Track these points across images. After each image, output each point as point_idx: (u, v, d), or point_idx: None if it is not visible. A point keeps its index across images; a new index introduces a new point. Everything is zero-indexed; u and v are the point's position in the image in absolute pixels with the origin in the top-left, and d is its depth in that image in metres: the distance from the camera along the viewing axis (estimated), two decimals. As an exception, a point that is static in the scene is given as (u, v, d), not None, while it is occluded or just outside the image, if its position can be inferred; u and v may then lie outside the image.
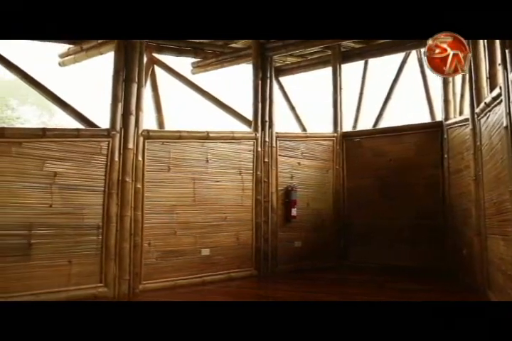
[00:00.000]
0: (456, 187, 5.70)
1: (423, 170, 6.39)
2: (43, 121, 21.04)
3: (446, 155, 6.09)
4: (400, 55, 7.63)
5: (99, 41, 5.63)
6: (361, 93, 7.88)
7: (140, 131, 5.13)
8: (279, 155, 6.46)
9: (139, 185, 5.07)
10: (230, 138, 5.94)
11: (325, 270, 6.38)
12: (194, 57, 7.43)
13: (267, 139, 6.35)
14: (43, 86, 5.41)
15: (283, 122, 7.03)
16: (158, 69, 7.08)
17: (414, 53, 7.73)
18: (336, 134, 7.06)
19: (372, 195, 6.76)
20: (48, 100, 5.69)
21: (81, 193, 4.66)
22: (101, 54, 5.77)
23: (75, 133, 4.69)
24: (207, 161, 5.69)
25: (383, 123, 7.61)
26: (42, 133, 4.46)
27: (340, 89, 7.16)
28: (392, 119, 7.69)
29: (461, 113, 6.08)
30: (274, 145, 6.41)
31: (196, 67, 7.64)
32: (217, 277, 5.61)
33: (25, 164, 4.33)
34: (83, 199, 4.67)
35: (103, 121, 5.02)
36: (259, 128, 6.32)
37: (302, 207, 6.55)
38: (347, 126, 7.32)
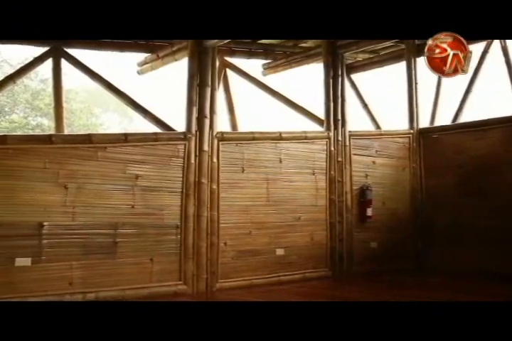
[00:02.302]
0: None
1: (511, 166, 5.97)
2: (124, 127, 22.32)
3: (538, 150, 5.66)
4: (481, 45, 7.18)
5: (174, 48, 5.84)
6: (438, 87, 7.52)
7: (214, 134, 5.25)
8: (353, 154, 6.33)
9: (214, 186, 5.19)
10: (303, 138, 5.92)
11: (402, 272, 6.13)
12: (264, 59, 7.52)
13: (340, 138, 6.25)
14: (124, 93, 5.74)
15: (356, 120, 6.88)
16: (230, 72, 7.24)
17: (497, 42, 7.23)
18: (412, 131, 6.80)
19: (453, 193, 6.40)
20: (128, 107, 6.03)
21: (160, 194, 4.87)
22: (176, 60, 5.99)
23: (153, 137, 4.91)
24: (280, 161, 5.71)
25: (464, 118, 7.21)
26: (124, 138, 4.71)
27: (416, 83, 6.86)
28: (473, 113, 7.26)
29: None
30: (347, 144, 6.29)
31: (267, 69, 7.71)
32: (293, 277, 5.61)
33: (109, 167, 4.60)
34: (162, 200, 4.87)
35: (179, 125, 5.21)
36: (332, 127, 6.24)
37: (378, 206, 6.37)
38: (424, 122, 7.02)
